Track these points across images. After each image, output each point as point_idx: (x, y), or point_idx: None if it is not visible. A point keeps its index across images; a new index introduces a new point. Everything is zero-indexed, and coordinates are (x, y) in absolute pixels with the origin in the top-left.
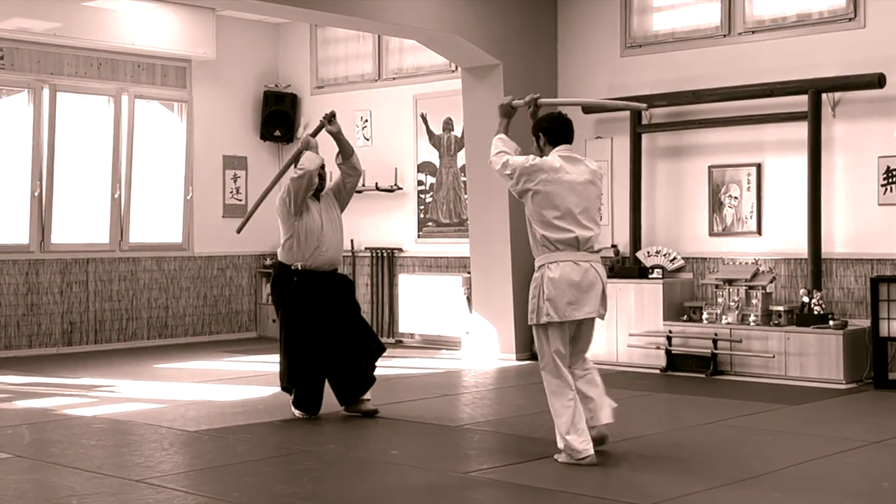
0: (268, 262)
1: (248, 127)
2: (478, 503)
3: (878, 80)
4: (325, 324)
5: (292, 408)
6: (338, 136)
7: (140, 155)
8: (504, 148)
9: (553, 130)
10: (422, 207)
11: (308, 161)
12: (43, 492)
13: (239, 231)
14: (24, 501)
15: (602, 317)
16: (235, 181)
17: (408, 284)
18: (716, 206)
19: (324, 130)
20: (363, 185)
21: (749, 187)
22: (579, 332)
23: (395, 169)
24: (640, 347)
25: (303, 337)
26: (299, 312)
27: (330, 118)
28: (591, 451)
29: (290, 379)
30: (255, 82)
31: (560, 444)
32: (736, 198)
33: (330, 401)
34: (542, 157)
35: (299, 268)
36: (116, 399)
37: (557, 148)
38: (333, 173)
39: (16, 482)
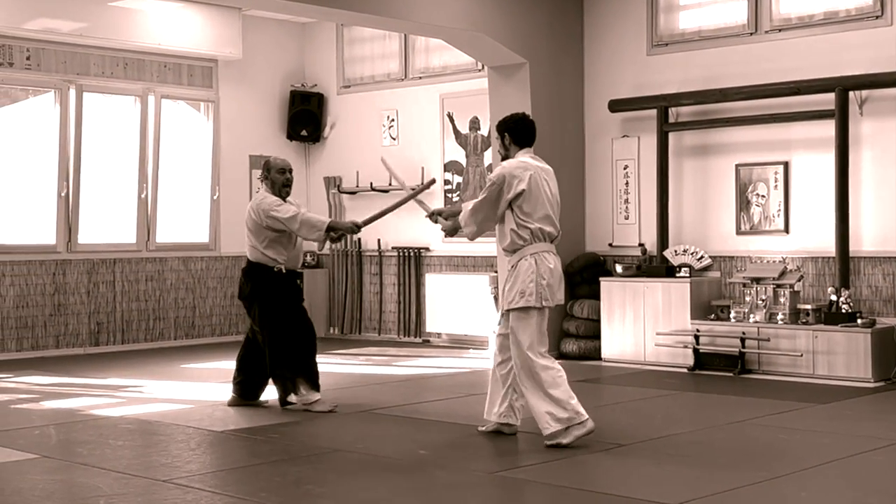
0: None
1: (275, 126)
2: (505, 502)
3: None
4: (302, 317)
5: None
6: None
7: (167, 155)
8: (469, 211)
9: (518, 131)
10: (448, 206)
11: (315, 232)
12: (70, 492)
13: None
14: (51, 502)
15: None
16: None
17: (435, 284)
18: (743, 204)
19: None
20: (389, 185)
21: (776, 185)
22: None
23: (422, 168)
24: (667, 346)
25: (293, 329)
26: (286, 308)
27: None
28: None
29: (291, 368)
30: (281, 82)
31: (559, 423)
32: (763, 196)
33: (354, 401)
34: (506, 156)
35: (283, 270)
36: (143, 399)
37: (522, 150)
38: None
39: (43, 482)
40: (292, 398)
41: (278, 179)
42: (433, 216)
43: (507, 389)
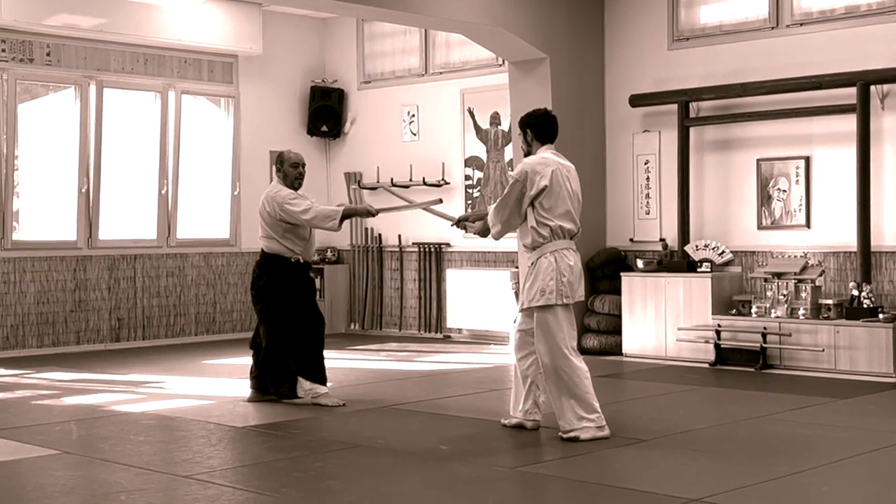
0: (314, 257)
1: (295, 122)
2: (526, 498)
3: None
4: (312, 310)
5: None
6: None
7: (187, 151)
8: (493, 210)
9: (541, 126)
10: (469, 202)
11: (330, 222)
12: (91, 488)
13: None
14: (72, 497)
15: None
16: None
17: (455, 279)
18: (764, 199)
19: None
20: (410, 180)
21: (798, 180)
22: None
23: (443, 164)
24: (688, 341)
25: (298, 323)
26: (296, 300)
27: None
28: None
29: (289, 362)
30: (301, 77)
31: (580, 422)
32: (784, 191)
33: (375, 397)
34: (528, 153)
35: (300, 260)
36: (164, 395)
37: (545, 146)
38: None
39: (64, 478)
40: (299, 392)
41: (291, 173)
42: (460, 223)
43: (531, 385)
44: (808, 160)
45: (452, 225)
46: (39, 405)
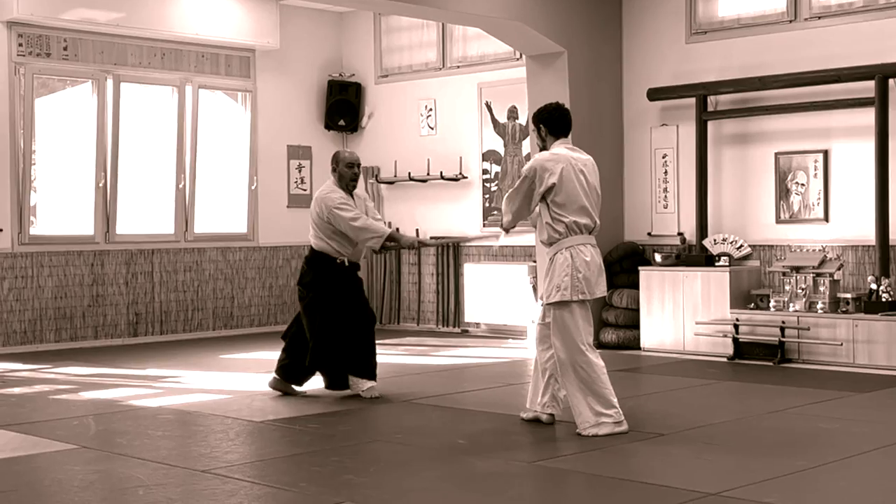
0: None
1: (313, 116)
2: (544, 492)
3: None
4: (361, 309)
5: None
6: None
7: (204, 145)
8: (504, 201)
9: (554, 121)
10: (487, 196)
11: (374, 239)
12: (109, 482)
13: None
14: (90, 492)
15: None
16: (300, 171)
17: (473, 274)
18: (782, 193)
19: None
20: (427, 175)
21: (816, 174)
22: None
23: (460, 158)
24: (706, 336)
25: (344, 322)
26: (341, 300)
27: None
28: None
29: (335, 360)
30: (319, 71)
31: (597, 418)
32: (803, 185)
33: (393, 391)
34: (543, 147)
35: (345, 262)
36: (182, 390)
37: (559, 140)
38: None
39: (82, 473)
40: (351, 386)
41: (346, 174)
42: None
43: (549, 379)
44: (826, 154)
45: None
46: (57, 400)
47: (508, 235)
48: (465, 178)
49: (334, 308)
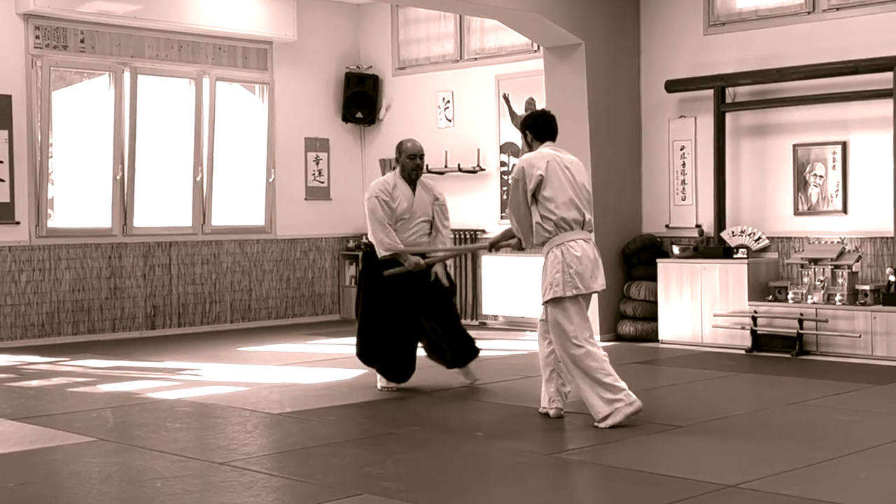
0: (350, 244)
1: (330, 109)
2: (563, 483)
3: None
4: (403, 306)
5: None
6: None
7: (222, 138)
8: (510, 219)
9: (539, 126)
10: (504, 188)
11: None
12: (127, 474)
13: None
14: (108, 484)
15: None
16: (318, 163)
17: (491, 266)
18: (801, 184)
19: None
20: (445, 167)
21: (834, 166)
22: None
23: (478, 150)
24: (725, 328)
25: (385, 317)
26: (384, 295)
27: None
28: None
29: (372, 353)
30: (336, 64)
31: (610, 406)
32: (821, 176)
33: (411, 384)
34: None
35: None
36: (200, 382)
37: (545, 144)
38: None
39: (100, 465)
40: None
41: (407, 165)
42: (492, 248)
43: (552, 374)
44: (844, 145)
45: (485, 253)
46: (75, 392)
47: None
48: (482, 170)
49: (372, 301)
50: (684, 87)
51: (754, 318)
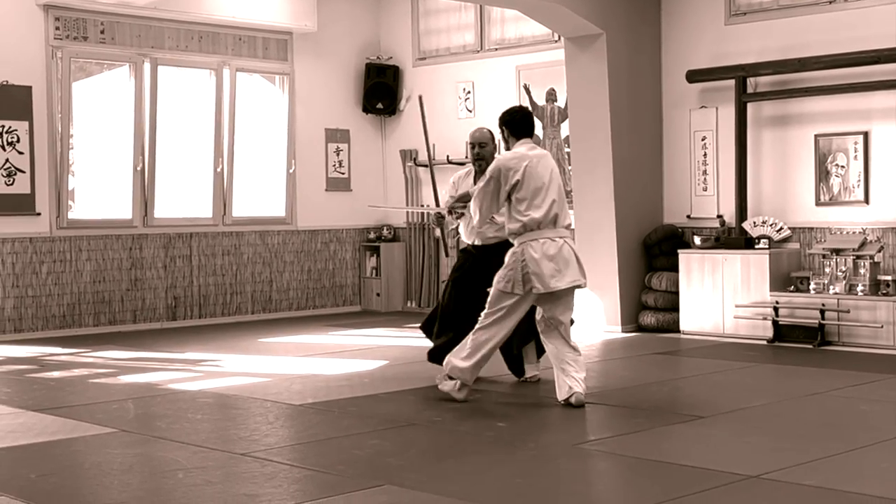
0: (371, 235)
1: (350, 100)
2: (584, 474)
3: None
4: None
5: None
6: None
7: (242, 128)
8: (472, 203)
9: (515, 123)
10: None
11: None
12: (149, 465)
13: None
14: (130, 475)
15: (584, 284)
16: (338, 154)
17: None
18: (822, 175)
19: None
20: (466, 157)
21: (856, 156)
22: (557, 301)
23: (499, 141)
24: (746, 318)
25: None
26: (458, 281)
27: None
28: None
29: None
30: (356, 54)
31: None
32: (843, 167)
33: (432, 375)
34: (507, 147)
35: (470, 245)
36: (221, 373)
37: (520, 141)
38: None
39: (122, 456)
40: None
41: (471, 153)
42: (450, 212)
43: (562, 365)
44: (866, 135)
45: (449, 214)
46: (96, 384)
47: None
48: None
49: (451, 289)
50: (705, 77)
51: (776, 309)
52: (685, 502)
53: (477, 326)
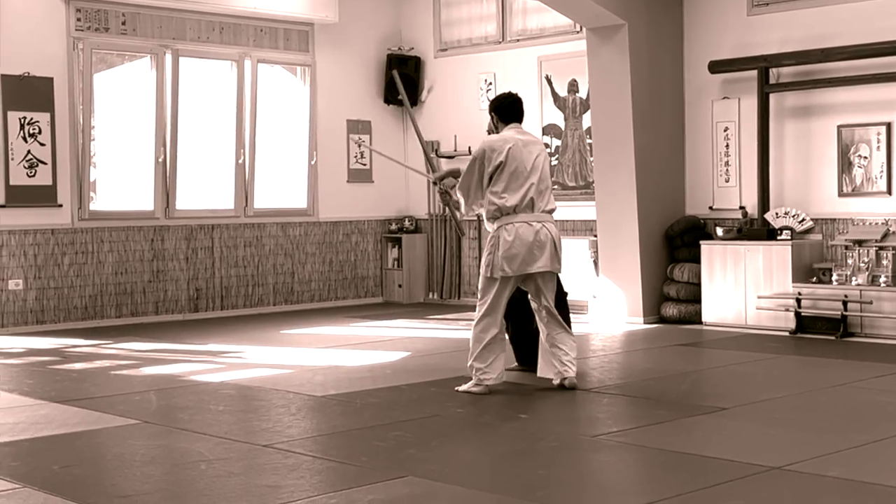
0: (392, 226)
1: (372, 91)
2: (606, 466)
3: None
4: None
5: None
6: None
7: (263, 120)
8: (457, 185)
9: (504, 108)
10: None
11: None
12: (171, 457)
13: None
14: (152, 466)
15: (557, 271)
16: (360, 146)
17: None
18: (845, 166)
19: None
20: None
21: (879, 146)
22: (538, 286)
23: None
24: (768, 310)
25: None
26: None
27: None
28: (491, 381)
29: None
30: (378, 45)
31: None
32: (865, 157)
33: (452, 366)
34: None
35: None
36: (243, 365)
37: (509, 126)
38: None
39: (144, 447)
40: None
41: None
42: (436, 183)
43: (551, 349)
44: (889, 126)
45: (434, 184)
46: (119, 375)
47: (465, 217)
48: None
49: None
50: (728, 67)
51: (798, 300)
52: (708, 494)
53: (474, 322)
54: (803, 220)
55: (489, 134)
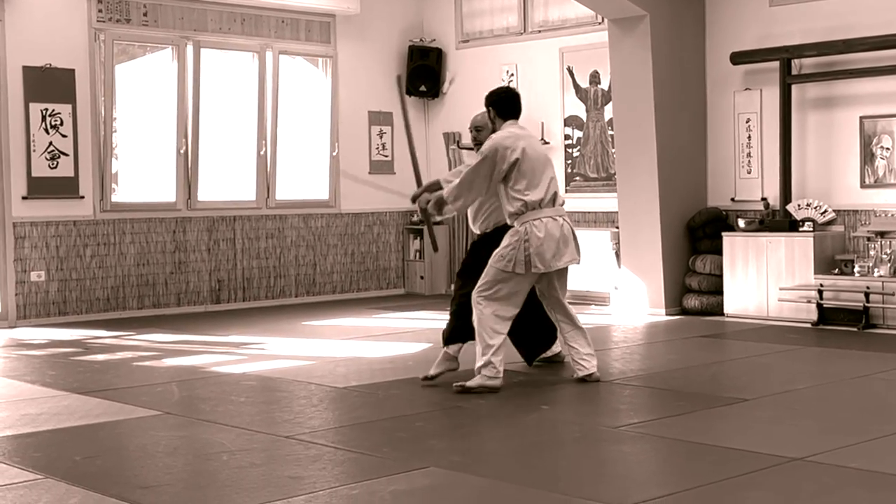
0: (414, 218)
1: (394, 82)
2: (628, 457)
3: None
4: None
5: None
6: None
7: (285, 111)
8: (457, 185)
9: (502, 103)
10: (569, 162)
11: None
12: (193, 447)
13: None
14: (174, 457)
15: (578, 262)
16: (381, 137)
17: None
18: (867, 157)
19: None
20: None
21: None
22: (557, 280)
23: (542, 123)
24: (790, 301)
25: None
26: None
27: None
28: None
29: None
30: (399, 37)
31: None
32: (888, 149)
33: (470, 356)
34: (494, 129)
35: (475, 231)
36: (265, 356)
37: (507, 122)
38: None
39: (166, 438)
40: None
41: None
42: (414, 199)
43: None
44: None
45: (412, 202)
46: (141, 366)
47: (443, 216)
48: (547, 143)
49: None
50: (750, 58)
51: (820, 292)
52: (729, 485)
53: (478, 310)
54: (825, 211)
55: (472, 129)
